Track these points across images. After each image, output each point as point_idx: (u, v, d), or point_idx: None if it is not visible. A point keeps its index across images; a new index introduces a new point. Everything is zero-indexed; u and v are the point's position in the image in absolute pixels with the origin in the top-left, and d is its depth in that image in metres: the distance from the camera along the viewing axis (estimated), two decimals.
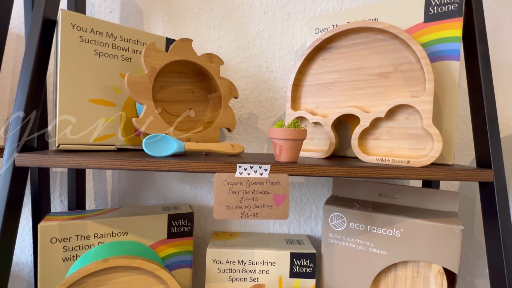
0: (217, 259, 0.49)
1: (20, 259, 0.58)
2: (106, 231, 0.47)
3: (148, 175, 0.58)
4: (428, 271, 0.44)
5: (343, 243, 0.49)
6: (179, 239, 0.51)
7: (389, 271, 0.46)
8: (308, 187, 0.59)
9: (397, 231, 0.44)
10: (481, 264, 0.59)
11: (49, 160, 0.36)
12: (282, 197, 0.36)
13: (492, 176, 0.37)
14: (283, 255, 0.49)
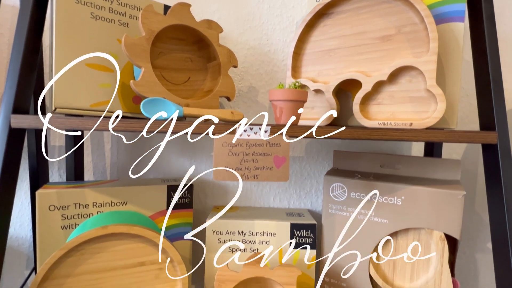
0: (217, 229, 0.49)
1: (19, 233, 0.58)
2: (105, 200, 0.46)
3: (147, 149, 0.58)
4: (429, 238, 0.43)
5: (343, 213, 0.48)
6: (179, 211, 0.51)
7: (390, 240, 0.46)
8: (309, 161, 0.58)
9: (398, 198, 0.44)
10: (482, 238, 0.59)
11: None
12: (283, 159, 0.36)
13: (496, 137, 0.36)
14: (283, 225, 0.49)
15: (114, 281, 0.43)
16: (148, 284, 0.44)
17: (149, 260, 0.44)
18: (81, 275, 0.41)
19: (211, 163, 0.58)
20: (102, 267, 0.42)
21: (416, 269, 0.44)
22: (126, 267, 0.43)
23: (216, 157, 0.36)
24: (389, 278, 0.46)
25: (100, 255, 0.42)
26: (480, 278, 0.59)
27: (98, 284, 0.42)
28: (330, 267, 0.50)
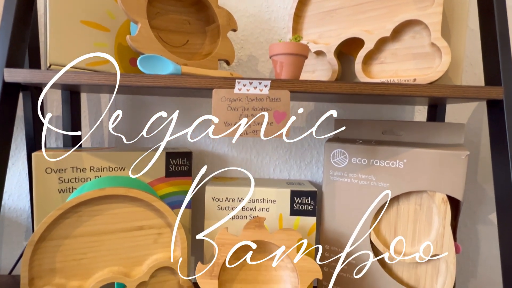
0: (216, 196, 0.49)
1: (17, 204, 0.58)
2: (103, 165, 0.46)
3: (146, 118, 0.57)
4: (431, 202, 0.43)
5: (344, 179, 0.48)
6: (178, 178, 0.50)
7: (391, 206, 0.46)
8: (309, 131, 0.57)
9: (400, 162, 0.43)
10: (484, 210, 0.58)
11: (40, 75, 0.35)
12: (283, 114, 0.35)
13: (502, 93, 0.35)
14: (283, 192, 0.49)
15: (112, 244, 0.42)
16: (147, 249, 0.44)
17: (147, 225, 0.44)
18: (79, 237, 0.41)
19: (209, 133, 0.57)
20: (100, 230, 0.42)
21: (418, 234, 0.44)
22: (125, 230, 0.43)
23: (215, 112, 0.35)
24: (390, 241, 0.46)
25: (98, 217, 0.42)
26: (481, 250, 0.59)
27: (96, 246, 0.42)
28: (330, 235, 0.49)
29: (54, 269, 0.40)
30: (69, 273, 0.40)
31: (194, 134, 0.58)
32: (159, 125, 0.57)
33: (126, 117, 0.57)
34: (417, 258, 0.43)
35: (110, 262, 0.42)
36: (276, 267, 0.45)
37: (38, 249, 0.39)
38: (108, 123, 0.57)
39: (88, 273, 0.41)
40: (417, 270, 0.44)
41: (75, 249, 0.40)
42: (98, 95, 0.57)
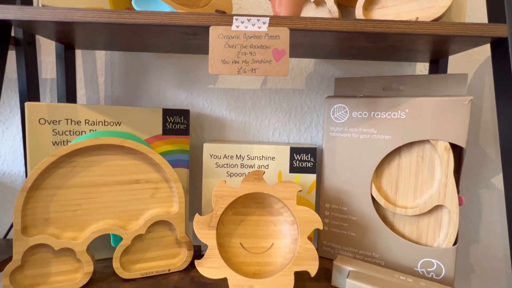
0: (214, 153, 0.48)
1: (12, 169, 0.57)
2: (98, 119, 0.45)
3: (142, 81, 0.56)
4: (434, 152, 0.42)
5: (345, 135, 0.47)
6: (175, 137, 0.49)
7: (393, 160, 0.45)
8: (309, 94, 0.57)
9: (402, 112, 0.43)
10: (485, 173, 0.57)
11: (32, 12, 0.34)
12: (282, 52, 0.34)
13: (507, 30, 0.34)
14: (282, 149, 0.48)
15: (108, 196, 0.41)
16: (144, 203, 0.43)
17: (144, 178, 0.43)
18: (74, 188, 0.40)
19: (208, 96, 0.56)
20: (95, 182, 0.41)
21: (420, 187, 0.43)
22: (120, 183, 0.42)
23: (212, 50, 0.34)
24: (391, 198, 0.45)
25: (93, 168, 0.41)
26: (483, 213, 0.58)
27: (91, 198, 0.41)
28: (331, 192, 0.48)
29: (48, 219, 0.39)
30: (63, 224, 0.39)
31: (191, 97, 0.57)
32: (157, 89, 0.56)
33: (122, 80, 0.56)
34: (419, 210, 0.42)
35: (106, 214, 0.41)
36: (275, 221, 0.44)
37: (31, 198, 0.38)
38: (104, 86, 0.56)
39: (83, 225, 0.40)
40: (419, 224, 0.44)
41: (70, 199, 0.39)
42: (93, 57, 0.56)
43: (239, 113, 0.57)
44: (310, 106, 0.57)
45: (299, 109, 0.57)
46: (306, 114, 0.57)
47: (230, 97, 0.57)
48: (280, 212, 0.43)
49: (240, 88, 0.56)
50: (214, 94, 0.56)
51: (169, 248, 0.44)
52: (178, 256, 0.45)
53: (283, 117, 0.57)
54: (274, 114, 0.57)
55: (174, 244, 0.45)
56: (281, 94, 0.57)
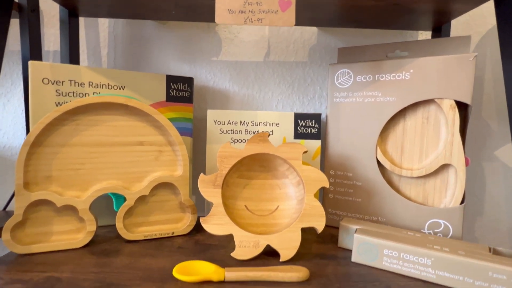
0: (218, 119, 0.47)
1: (13, 143, 0.56)
2: (102, 81, 0.44)
3: (145, 53, 0.56)
4: (439, 113, 0.42)
5: (349, 100, 0.47)
6: (179, 104, 0.49)
7: (397, 123, 0.45)
8: (312, 66, 0.57)
9: (406, 73, 0.43)
10: (488, 145, 0.57)
11: None
12: (288, 2, 0.34)
13: None
14: (287, 115, 0.48)
15: (111, 157, 0.41)
16: (147, 165, 0.43)
17: (148, 141, 0.43)
18: (77, 146, 0.39)
19: (211, 68, 0.56)
20: (98, 141, 0.40)
21: (425, 149, 0.43)
22: (124, 144, 0.41)
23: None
24: (397, 162, 0.45)
25: (97, 128, 0.40)
26: (487, 186, 0.58)
27: (94, 158, 0.40)
28: (335, 159, 0.48)
29: (50, 176, 0.38)
30: (66, 183, 0.39)
31: (194, 70, 0.56)
32: (160, 61, 0.56)
33: (125, 53, 0.56)
34: (425, 171, 0.42)
35: (109, 175, 0.41)
36: (280, 185, 0.43)
37: (33, 154, 0.37)
38: (107, 58, 0.56)
39: (86, 185, 0.40)
40: (425, 186, 0.43)
41: (73, 158, 0.39)
42: (96, 29, 0.56)
43: (242, 86, 0.57)
44: (313, 78, 0.57)
45: (302, 82, 0.57)
46: (309, 87, 0.57)
47: (233, 70, 0.56)
48: (285, 174, 0.43)
49: (243, 61, 0.56)
50: (217, 67, 0.56)
51: (172, 212, 0.44)
52: (181, 220, 0.44)
53: (286, 90, 0.57)
54: (278, 86, 0.57)
55: (178, 208, 0.44)
56: (284, 66, 0.57)
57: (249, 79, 0.57)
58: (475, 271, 0.30)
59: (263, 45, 0.56)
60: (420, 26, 0.51)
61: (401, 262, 0.33)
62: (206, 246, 0.40)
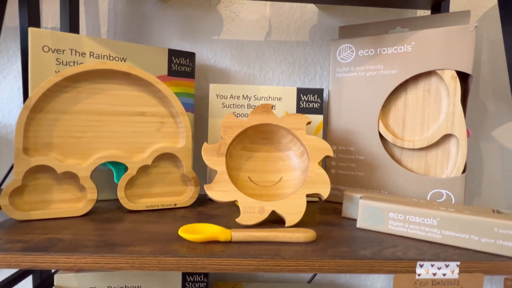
0: (220, 93, 0.47)
1: (8, 120, 0.55)
2: (103, 52, 0.44)
3: (145, 31, 0.55)
4: (440, 85, 0.42)
5: (351, 74, 0.47)
6: (180, 79, 0.49)
7: (399, 97, 0.45)
8: (313, 46, 0.57)
9: (408, 46, 0.43)
10: (486, 126, 0.58)
11: None
12: None
13: None
14: (289, 90, 0.48)
15: (113, 126, 0.40)
16: (149, 136, 0.42)
17: (150, 111, 0.42)
18: (78, 114, 0.38)
19: (212, 47, 0.56)
20: (100, 110, 0.39)
21: (427, 121, 0.43)
22: (126, 114, 0.41)
23: None
24: (398, 135, 0.45)
25: (99, 96, 0.40)
26: (484, 166, 0.58)
27: (96, 126, 0.39)
28: (337, 134, 0.48)
29: (50, 143, 0.37)
30: (67, 150, 0.38)
31: (195, 48, 0.56)
32: (160, 39, 0.56)
33: (125, 31, 0.55)
34: (427, 142, 0.42)
35: (111, 144, 0.40)
36: (283, 157, 0.43)
37: (33, 120, 0.36)
38: (107, 36, 0.55)
39: (87, 153, 0.39)
40: (427, 158, 0.44)
41: (74, 125, 0.38)
42: (96, 6, 0.55)
43: (243, 65, 0.57)
44: (314, 58, 0.57)
45: (303, 62, 0.57)
46: (310, 67, 0.57)
47: (234, 49, 0.56)
48: (289, 146, 0.43)
49: (244, 40, 0.56)
50: (218, 46, 0.56)
51: (174, 185, 0.43)
52: (184, 193, 0.44)
53: (287, 69, 0.57)
54: (278, 66, 0.57)
55: (180, 181, 0.43)
56: (285, 46, 0.57)
57: (250, 58, 0.57)
58: (481, 228, 0.30)
59: (264, 24, 0.56)
60: (419, 4, 0.52)
61: (406, 225, 0.33)
62: (209, 216, 0.40)
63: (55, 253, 0.27)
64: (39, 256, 0.26)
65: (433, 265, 0.28)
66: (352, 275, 0.59)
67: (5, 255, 0.26)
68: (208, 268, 0.27)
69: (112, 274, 0.45)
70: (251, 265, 0.27)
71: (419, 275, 0.28)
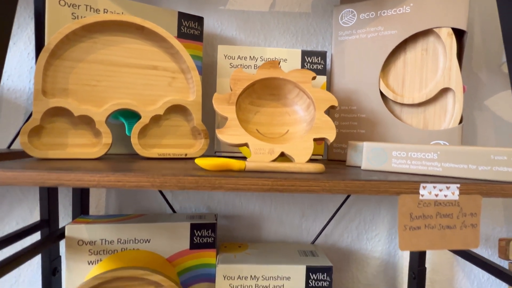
0: (228, 54, 0.49)
1: (17, 85, 0.56)
2: (116, 10, 0.45)
3: (153, 1, 0.57)
4: (437, 43, 0.45)
5: (353, 37, 0.49)
6: (189, 41, 0.51)
7: (398, 57, 0.48)
8: (315, 18, 0.59)
9: (407, 7, 0.46)
10: (480, 95, 0.61)
11: None
12: None
13: None
14: (294, 52, 0.50)
15: (127, 77, 0.42)
16: (161, 89, 0.44)
17: (162, 66, 0.44)
18: (94, 63, 0.40)
19: (218, 16, 0.58)
20: (114, 61, 0.41)
21: (425, 79, 0.46)
22: (139, 67, 0.42)
23: None
24: (398, 93, 0.48)
25: (113, 48, 0.41)
26: (478, 135, 0.61)
27: (110, 76, 0.41)
28: (340, 94, 0.50)
29: (67, 89, 0.38)
30: (82, 97, 0.39)
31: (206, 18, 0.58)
32: (166, 7, 0.58)
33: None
34: (426, 96, 0.45)
35: (124, 95, 0.41)
36: (290, 112, 0.45)
37: (51, 65, 0.38)
38: None
39: (102, 101, 0.40)
40: (425, 113, 0.46)
41: (89, 74, 0.40)
42: None
43: (248, 35, 0.59)
44: (316, 29, 0.60)
45: (306, 32, 0.60)
46: (312, 37, 0.60)
47: (240, 19, 0.59)
48: (295, 101, 0.45)
49: (249, 11, 0.59)
50: (225, 16, 0.58)
51: (185, 138, 0.45)
52: (194, 146, 0.45)
53: (290, 39, 0.59)
54: (282, 36, 0.59)
55: (190, 134, 0.45)
56: (288, 17, 0.59)
57: (255, 28, 0.59)
58: (478, 157, 0.32)
59: None
60: None
61: (409, 161, 0.35)
62: None
63: (79, 172, 0.28)
64: (65, 174, 0.28)
65: (435, 187, 0.30)
66: (353, 239, 0.61)
67: (31, 173, 0.28)
68: (224, 188, 0.29)
69: (122, 227, 0.46)
70: (266, 185, 0.29)
71: (422, 196, 0.30)
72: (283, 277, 0.47)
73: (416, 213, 0.30)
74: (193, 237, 0.48)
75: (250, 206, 0.60)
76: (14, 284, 0.57)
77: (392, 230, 0.61)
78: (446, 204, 0.30)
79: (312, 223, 0.60)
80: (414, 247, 0.29)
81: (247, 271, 0.46)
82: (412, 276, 0.56)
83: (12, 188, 0.56)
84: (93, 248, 0.45)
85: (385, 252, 0.61)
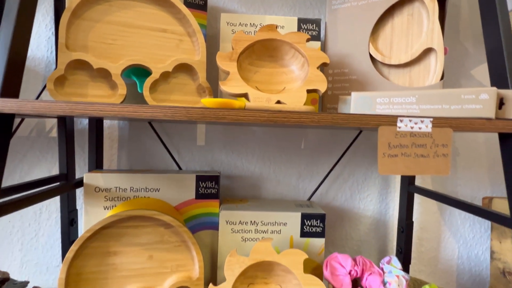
0: (231, 21, 0.54)
1: (36, 54, 0.61)
2: None
3: None
4: (422, 8, 0.49)
5: (345, 5, 0.54)
6: (194, 10, 0.55)
7: (387, 23, 0.52)
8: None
9: None
10: (467, 66, 0.65)
11: None
12: None
13: None
14: (291, 20, 0.54)
15: (139, 38, 0.46)
16: (169, 50, 0.48)
17: (170, 29, 0.48)
18: (110, 24, 0.44)
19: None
20: (128, 22, 0.46)
21: (411, 41, 0.50)
22: (150, 29, 0.47)
23: None
24: (386, 55, 0.52)
25: (126, 11, 0.46)
26: None
27: (125, 36, 0.45)
28: (334, 59, 0.55)
29: (86, 46, 0.43)
30: (100, 54, 0.44)
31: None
32: None
33: None
34: (411, 56, 0.49)
35: (137, 53, 0.46)
36: (286, 71, 0.49)
37: (73, 24, 0.42)
38: None
39: (117, 58, 0.45)
40: (411, 73, 0.50)
41: (106, 33, 0.44)
42: None
43: (249, 8, 0.63)
44: (312, 3, 0.64)
45: (303, 6, 0.64)
46: (308, 10, 0.64)
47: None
48: (291, 62, 0.49)
49: None
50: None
51: (191, 95, 0.49)
52: (199, 103, 0.50)
53: (288, 12, 0.64)
54: (281, 9, 0.64)
55: (196, 92, 0.49)
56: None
57: (256, 2, 0.63)
58: (451, 97, 0.36)
59: None
60: None
61: (391, 106, 0.40)
62: None
63: (102, 103, 0.32)
64: (90, 105, 0.32)
65: (411, 120, 0.34)
66: (347, 199, 0.65)
67: (61, 104, 0.32)
68: (227, 118, 0.33)
69: (134, 176, 0.51)
70: (262, 116, 0.34)
71: (399, 128, 0.34)
72: (280, 223, 0.51)
73: (393, 142, 0.34)
74: (199, 188, 0.53)
75: (251, 167, 0.64)
76: (34, 237, 0.62)
77: (383, 191, 0.65)
78: (421, 135, 0.35)
79: (308, 184, 0.65)
80: (392, 171, 0.34)
81: (247, 217, 0.51)
82: (400, 230, 0.61)
83: (31, 149, 0.61)
84: (108, 194, 0.50)
85: (376, 211, 0.65)
